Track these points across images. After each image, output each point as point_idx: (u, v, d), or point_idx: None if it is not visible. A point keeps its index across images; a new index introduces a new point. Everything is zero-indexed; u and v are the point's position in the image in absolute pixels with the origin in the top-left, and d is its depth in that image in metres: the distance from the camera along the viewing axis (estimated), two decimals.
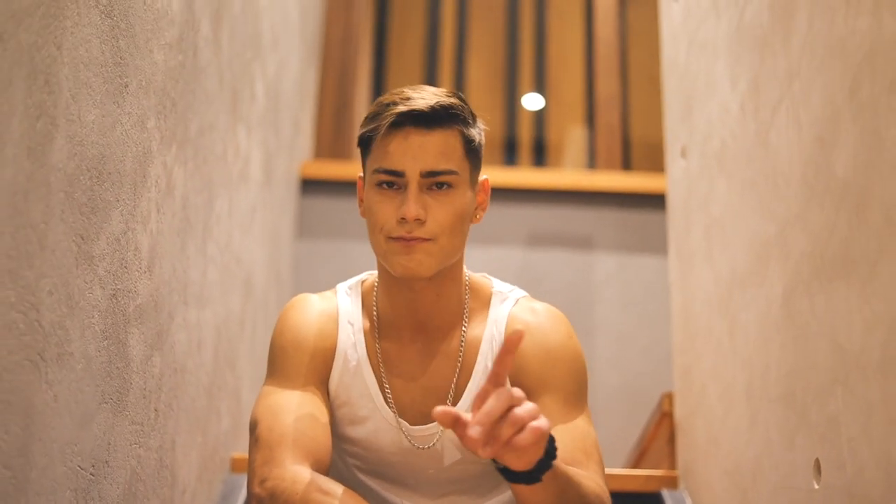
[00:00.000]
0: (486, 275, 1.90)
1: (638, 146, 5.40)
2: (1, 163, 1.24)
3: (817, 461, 1.76)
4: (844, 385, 1.65)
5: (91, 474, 1.58)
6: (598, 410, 4.29)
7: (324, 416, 1.70)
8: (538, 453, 1.38)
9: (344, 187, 4.42)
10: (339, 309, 1.83)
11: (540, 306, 1.82)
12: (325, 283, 2.03)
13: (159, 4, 1.89)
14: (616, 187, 4.52)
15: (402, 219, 1.65)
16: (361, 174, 1.79)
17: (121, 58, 1.67)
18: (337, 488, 1.56)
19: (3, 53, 1.24)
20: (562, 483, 1.50)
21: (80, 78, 1.49)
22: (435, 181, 1.68)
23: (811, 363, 1.81)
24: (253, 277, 3.11)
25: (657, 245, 4.25)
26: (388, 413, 1.76)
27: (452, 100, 1.70)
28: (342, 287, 1.89)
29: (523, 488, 1.47)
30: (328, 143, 4.62)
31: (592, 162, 5.12)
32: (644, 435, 3.41)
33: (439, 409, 1.31)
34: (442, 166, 1.67)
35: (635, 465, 3.54)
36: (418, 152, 1.67)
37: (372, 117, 1.70)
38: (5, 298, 1.26)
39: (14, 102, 1.27)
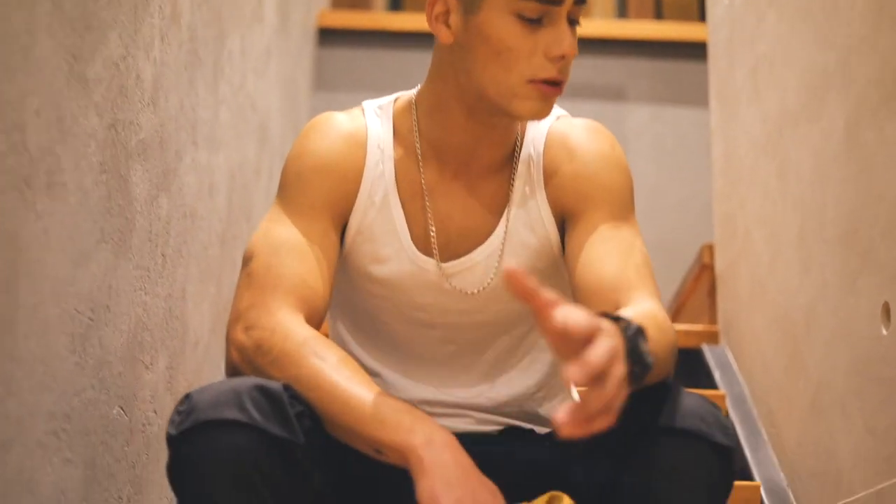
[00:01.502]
0: None
1: None
2: None
3: (886, 305, 1.61)
4: None
5: (90, 318, 1.44)
6: None
7: (331, 262, 1.53)
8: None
9: (364, 37, 4.23)
10: (369, 131, 1.61)
11: (579, 121, 1.62)
12: None
13: None
14: (649, 36, 4.30)
15: (562, 56, 1.43)
16: None
17: None
18: (333, 353, 1.39)
19: None
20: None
21: None
22: (576, 12, 1.46)
23: (878, 196, 1.65)
24: (269, 124, 2.95)
25: (692, 96, 4.05)
26: (415, 252, 1.58)
27: None
28: (370, 106, 1.65)
29: None
30: None
31: (623, 10, 4.89)
32: (681, 290, 3.28)
33: (510, 268, 1.13)
34: None
35: (672, 322, 3.42)
36: None
37: None
38: None
39: None
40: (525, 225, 1.58)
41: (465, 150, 1.58)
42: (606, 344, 1.08)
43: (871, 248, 1.67)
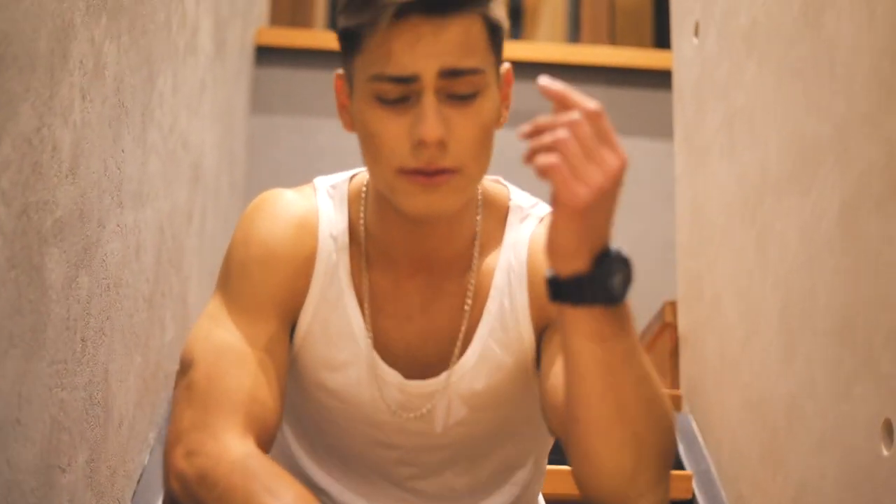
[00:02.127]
0: (499, 179, 1.48)
1: (623, 15, 5.00)
2: None
3: (888, 422, 1.45)
4: None
5: None
6: None
7: (281, 370, 1.33)
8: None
9: (303, 56, 4.03)
10: (320, 216, 1.43)
11: None
12: (282, 163, 1.64)
13: None
14: (603, 62, 4.13)
15: (420, 142, 1.23)
16: (341, 72, 1.35)
17: None
18: (287, 488, 1.18)
19: None
20: (637, 348, 1.15)
21: None
22: (455, 86, 1.25)
23: (882, 299, 1.49)
24: (202, 161, 2.74)
25: (652, 127, 3.90)
26: (376, 359, 1.39)
27: None
28: (322, 184, 1.47)
29: (595, 344, 1.11)
30: (287, 6, 4.22)
31: (575, 34, 4.72)
32: (642, 341, 3.13)
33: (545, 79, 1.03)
34: (465, 63, 1.25)
35: None
36: (433, 47, 1.24)
37: (360, 3, 1.25)
38: None
39: None
40: (501, 344, 1.40)
41: (412, 248, 1.40)
42: None
43: (871, 355, 1.51)
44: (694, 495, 2.24)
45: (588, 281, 1.09)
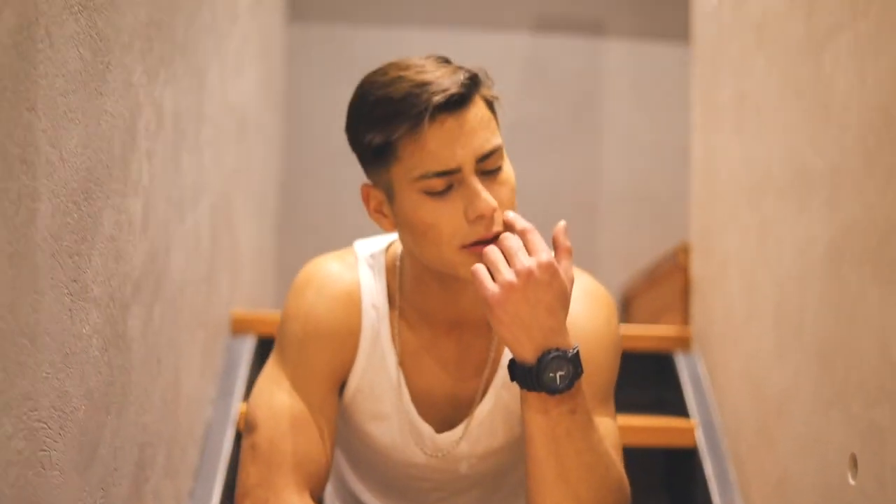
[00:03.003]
0: None
1: None
2: None
3: (854, 456, 1.67)
4: (893, 402, 1.55)
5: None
6: (604, 212, 4.22)
7: (332, 428, 1.59)
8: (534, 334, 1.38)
9: None
10: (362, 289, 1.65)
11: (580, 288, 1.65)
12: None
13: None
14: None
15: (479, 217, 1.44)
16: (369, 182, 1.55)
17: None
18: None
19: None
20: (583, 429, 1.43)
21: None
22: (486, 165, 1.46)
23: (856, 346, 1.69)
24: (247, 116, 2.93)
25: (675, 31, 3.97)
26: (412, 413, 1.65)
27: (462, 69, 1.47)
28: (362, 254, 1.69)
29: (540, 416, 1.41)
30: None
31: None
32: (656, 272, 3.33)
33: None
34: (490, 145, 1.46)
35: (643, 292, 3.48)
36: (465, 139, 1.44)
37: (393, 115, 1.43)
38: None
39: None
40: (512, 393, 1.64)
41: (448, 310, 1.63)
42: None
43: (846, 391, 1.71)
44: (695, 444, 2.48)
45: (530, 372, 1.39)
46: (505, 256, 1.40)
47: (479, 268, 1.40)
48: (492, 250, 1.40)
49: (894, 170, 1.56)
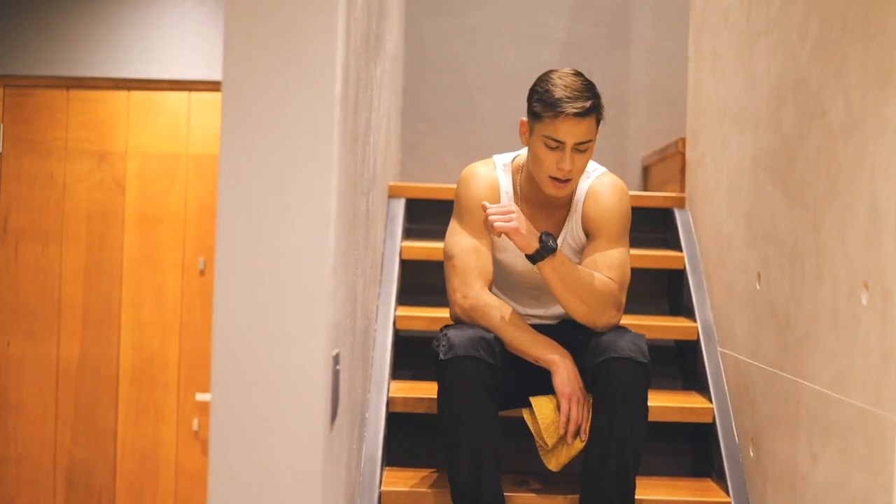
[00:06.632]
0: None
1: None
2: None
3: (759, 273, 3.15)
4: (777, 242, 3.02)
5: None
6: (631, 104, 5.37)
7: (491, 253, 2.93)
8: (530, 241, 2.74)
9: None
10: (500, 182, 2.98)
11: (608, 179, 3.00)
12: None
13: None
14: None
15: (560, 169, 2.76)
16: (525, 119, 2.84)
17: None
18: (502, 305, 2.85)
19: None
20: (568, 268, 2.77)
21: None
22: (579, 147, 2.76)
23: (762, 217, 3.15)
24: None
25: None
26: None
27: (593, 100, 2.75)
28: (499, 163, 3.02)
29: (540, 266, 2.77)
30: None
31: None
32: (665, 151, 4.70)
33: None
34: (586, 138, 2.77)
35: (656, 164, 4.82)
36: (574, 131, 2.73)
37: (549, 104, 2.73)
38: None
39: None
40: (570, 236, 3.04)
41: (542, 198, 3.00)
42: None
43: (756, 237, 3.18)
44: (684, 268, 3.91)
45: (537, 253, 2.79)
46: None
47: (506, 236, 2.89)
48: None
49: (780, 122, 2.98)
